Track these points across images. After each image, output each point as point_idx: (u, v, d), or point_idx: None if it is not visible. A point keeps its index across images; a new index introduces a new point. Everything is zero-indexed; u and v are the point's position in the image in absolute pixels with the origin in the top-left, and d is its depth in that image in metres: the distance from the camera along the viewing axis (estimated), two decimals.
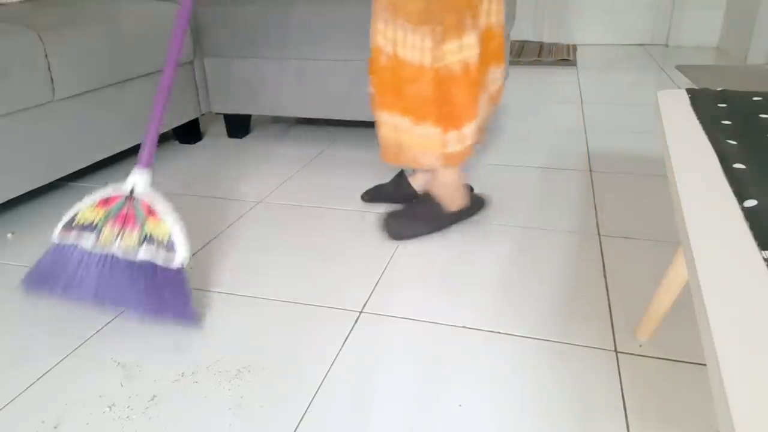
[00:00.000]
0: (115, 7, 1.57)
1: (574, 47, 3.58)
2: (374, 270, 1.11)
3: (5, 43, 1.21)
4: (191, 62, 1.80)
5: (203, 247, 1.22)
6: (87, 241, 0.95)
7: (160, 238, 0.93)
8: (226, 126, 1.99)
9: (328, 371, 0.84)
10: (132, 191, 0.97)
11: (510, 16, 1.95)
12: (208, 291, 1.06)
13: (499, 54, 1.24)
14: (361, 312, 0.98)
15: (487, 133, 1.19)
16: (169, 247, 0.93)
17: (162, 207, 0.95)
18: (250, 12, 1.72)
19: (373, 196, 1.43)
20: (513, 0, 2.02)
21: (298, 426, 0.75)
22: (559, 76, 2.89)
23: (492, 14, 1.18)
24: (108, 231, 0.95)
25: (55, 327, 0.97)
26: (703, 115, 0.63)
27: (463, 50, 1.10)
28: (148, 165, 1.00)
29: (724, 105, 0.67)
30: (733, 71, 2.84)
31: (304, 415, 0.76)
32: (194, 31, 1.78)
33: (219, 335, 0.94)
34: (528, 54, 3.40)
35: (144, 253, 0.93)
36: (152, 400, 0.80)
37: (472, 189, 1.39)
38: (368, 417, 0.76)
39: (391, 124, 1.17)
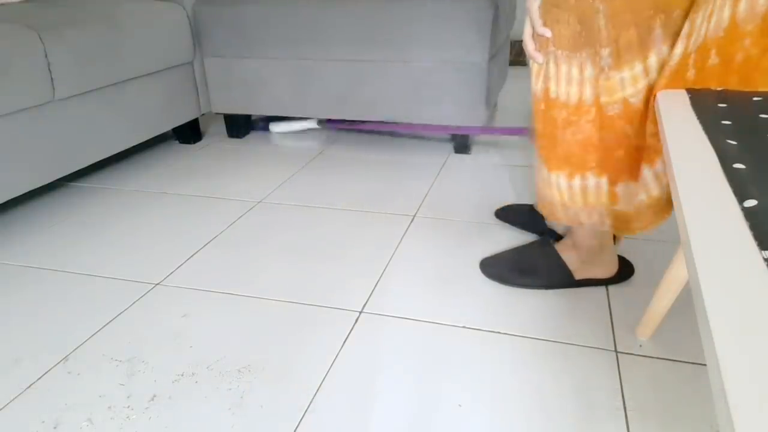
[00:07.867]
0: (115, 7, 1.57)
1: None
2: (374, 270, 1.11)
3: (5, 43, 1.21)
4: (191, 62, 1.80)
5: (203, 246, 1.22)
6: None
7: None
8: (226, 126, 1.99)
9: (328, 371, 0.84)
10: None
11: (510, 16, 1.95)
12: (208, 291, 1.06)
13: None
14: (361, 312, 0.98)
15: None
16: None
17: None
18: (250, 12, 1.72)
19: (503, 216, 1.30)
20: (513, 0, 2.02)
21: (298, 426, 0.75)
22: None
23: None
24: None
25: (55, 326, 0.97)
26: (703, 115, 0.63)
27: (648, 74, 0.77)
28: None
29: (724, 105, 0.67)
30: None
31: (304, 415, 0.76)
32: (194, 31, 1.78)
33: (219, 335, 0.94)
34: None
35: None
36: (152, 400, 0.80)
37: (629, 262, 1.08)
38: (368, 417, 0.76)
39: (546, 180, 0.94)
